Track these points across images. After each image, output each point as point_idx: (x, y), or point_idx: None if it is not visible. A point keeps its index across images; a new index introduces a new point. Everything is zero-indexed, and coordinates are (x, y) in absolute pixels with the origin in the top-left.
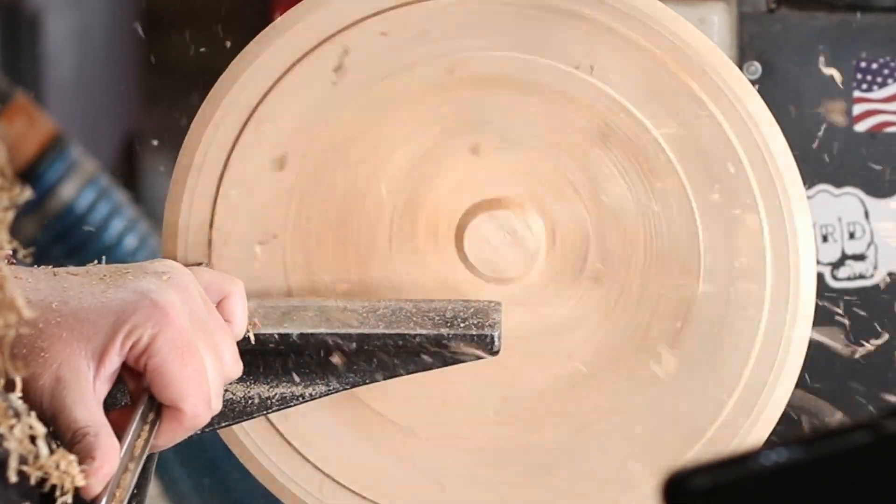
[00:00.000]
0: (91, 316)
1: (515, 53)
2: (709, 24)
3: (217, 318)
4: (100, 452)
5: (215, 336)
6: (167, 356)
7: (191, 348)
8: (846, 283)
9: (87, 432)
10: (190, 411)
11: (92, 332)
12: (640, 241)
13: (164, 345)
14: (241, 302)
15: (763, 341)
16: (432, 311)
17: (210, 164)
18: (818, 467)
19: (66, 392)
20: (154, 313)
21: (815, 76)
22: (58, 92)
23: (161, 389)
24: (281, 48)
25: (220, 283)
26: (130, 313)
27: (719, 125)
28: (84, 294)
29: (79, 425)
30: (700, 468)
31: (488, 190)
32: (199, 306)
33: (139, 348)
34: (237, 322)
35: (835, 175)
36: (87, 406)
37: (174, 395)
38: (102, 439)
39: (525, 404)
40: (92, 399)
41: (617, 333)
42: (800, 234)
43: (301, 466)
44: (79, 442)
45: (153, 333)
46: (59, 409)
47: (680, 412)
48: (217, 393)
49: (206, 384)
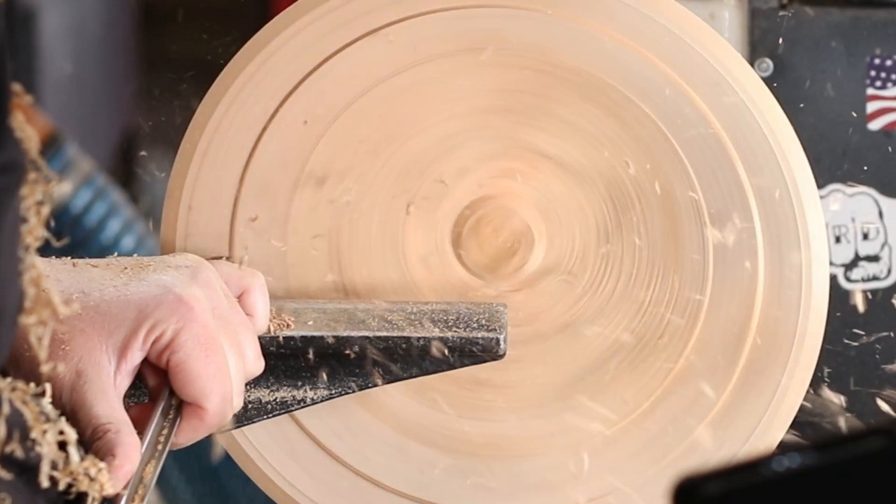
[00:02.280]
0: (113, 309)
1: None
2: (719, 21)
3: (240, 313)
4: (121, 450)
5: (238, 332)
6: (190, 352)
7: (214, 345)
8: (859, 285)
9: (108, 429)
10: (212, 409)
11: (114, 325)
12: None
13: (188, 341)
14: (262, 296)
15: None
16: (435, 313)
17: (210, 163)
18: (831, 473)
19: (86, 387)
20: (178, 308)
21: (829, 73)
22: (53, 89)
23: (183, 386)
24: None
25: (241, 277)
26: (154, 307)
27: (730, 125)
28: (105, 286)
29: (100, 421)
30: (711, 474)
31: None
32: (222, 302)
33: (162, 343)
34: (259, 316)
35: (848, 174)
36: (109, 402)
37: (196, 393)
38: (124, 437)
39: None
40: (113, 395)
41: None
42: (812, 234)
43: (301, 472)
44: (99, 438)
45: (177, 329)
46: (80, 405)
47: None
48: (239, 391)
49: (228, 381)
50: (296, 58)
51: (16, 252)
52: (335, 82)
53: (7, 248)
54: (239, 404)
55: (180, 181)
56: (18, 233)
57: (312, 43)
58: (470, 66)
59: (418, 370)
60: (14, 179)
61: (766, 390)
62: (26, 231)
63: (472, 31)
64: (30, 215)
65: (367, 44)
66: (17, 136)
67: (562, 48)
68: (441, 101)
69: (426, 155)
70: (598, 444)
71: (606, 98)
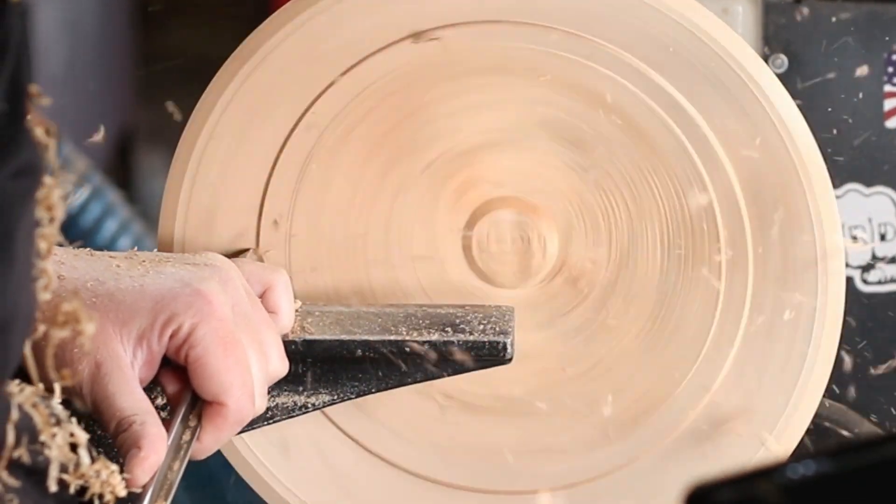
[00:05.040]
0: (128, 298)
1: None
2: (732, 15)
3: (262, 312)
4: (146, 442)
5: (260, 332)
6: (209, 347)
7: (233, 340)
8: (877, 288)
9: (133, 420)
10: (233, 405)
11: (128, 315)
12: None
13: (206, 335)
14: (285, 293)
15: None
16: (442, 317)
17: (209, 162)
18: (847, 481)
19: (107, 379)
20: (195, 302)
21: (845, 70)
22: (47, 86)
23: (202, 383)
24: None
25: (262, 273)
26: (170, 300)
27: (743, 122)
28: (122, 276)
29: (124, 413)
30: (724, 481)
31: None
32: (242, 299)
33: (179, 338)
34: (283, 314)
35: (865, 173)
36: (132, 393)
37: (216, 388)
38: (149, 428)
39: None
40: (136, 385)
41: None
42: (828, 234)
43: (301, 477)
44: (125, 430)
45: (194, 323)
46: (102, 397)
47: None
48: (261, 391)
49: (248, 377)
50: (296, 55)
51: (30, 257)
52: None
53: (22, 253)
54: (262, 406)
55: (178, 181)
56: (33, 237)
57: (313, 40)
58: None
59: (423, 375)
60: (31, 183)
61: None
62: (40, 235)
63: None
64: (44, 219)
65: (368, 43)
66: (34, 138)
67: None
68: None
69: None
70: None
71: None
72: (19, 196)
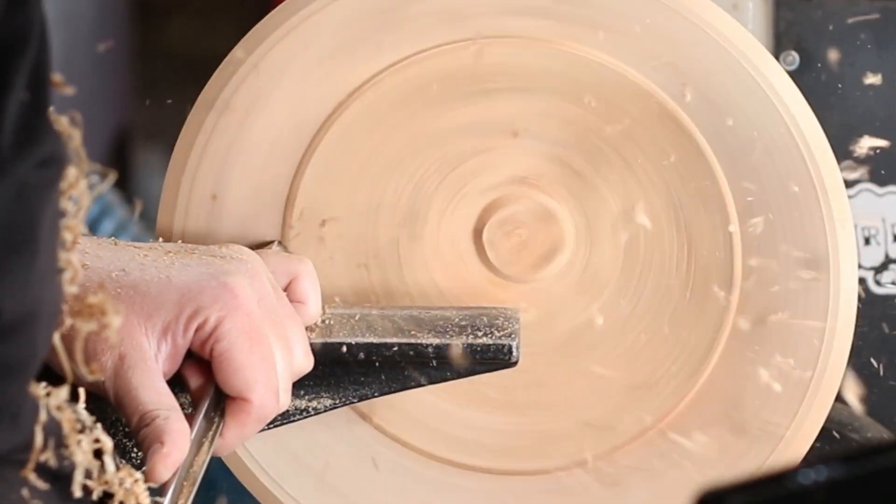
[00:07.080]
0: (153, 290)
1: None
2: (743, 11)
3: (287, 307)
4: (169, 437)
5: (285, 326)
6: (234, 341)
7: (259, 334)
8: (891, 289)
9: (156, 415)
10: (258, 401)
11: (153, 307)
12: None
13: (232, 329)
14: (311, 282)
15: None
16: (446, 320)
17: (208, 161)
18: (859, 486)
19: (130, 372)
20: (222, 295)
21: (857, 67)
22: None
23: (227, 378)
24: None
25: (287, 264)
26: (196, 293)
27: (753, 120)
28: (147, 267)
29: (147, 408)
30: (735, 487)
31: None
32: (268, 294)
33: (205, 332)
34: (311, 303)
35: (878, 173)
36: (155, 386)
37: (240, 384)
38: (172, 423)
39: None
40: (159, 379)
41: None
42: (840, 235)
43: (301, 482)
44: (147, 425)
45: (220, 316)
46: (125, 391)
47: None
48: (286, 387)
49: (273, 373)
50: (296, 52)
51: (55, 248)
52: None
53: (46, 245)
54: (286, 402)
55: (177, 180)
56: (58, 228)
57: (312, 37)
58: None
59: (427, 378)
60: (54, 173)
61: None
62: (65, 226)
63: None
64: (70, 210)
65: (370, 42)
66: (58, 128)
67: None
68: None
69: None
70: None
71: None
72: (43, 186)
